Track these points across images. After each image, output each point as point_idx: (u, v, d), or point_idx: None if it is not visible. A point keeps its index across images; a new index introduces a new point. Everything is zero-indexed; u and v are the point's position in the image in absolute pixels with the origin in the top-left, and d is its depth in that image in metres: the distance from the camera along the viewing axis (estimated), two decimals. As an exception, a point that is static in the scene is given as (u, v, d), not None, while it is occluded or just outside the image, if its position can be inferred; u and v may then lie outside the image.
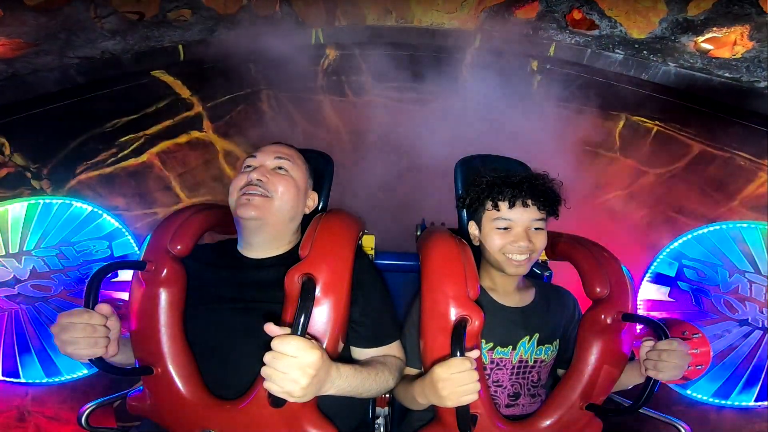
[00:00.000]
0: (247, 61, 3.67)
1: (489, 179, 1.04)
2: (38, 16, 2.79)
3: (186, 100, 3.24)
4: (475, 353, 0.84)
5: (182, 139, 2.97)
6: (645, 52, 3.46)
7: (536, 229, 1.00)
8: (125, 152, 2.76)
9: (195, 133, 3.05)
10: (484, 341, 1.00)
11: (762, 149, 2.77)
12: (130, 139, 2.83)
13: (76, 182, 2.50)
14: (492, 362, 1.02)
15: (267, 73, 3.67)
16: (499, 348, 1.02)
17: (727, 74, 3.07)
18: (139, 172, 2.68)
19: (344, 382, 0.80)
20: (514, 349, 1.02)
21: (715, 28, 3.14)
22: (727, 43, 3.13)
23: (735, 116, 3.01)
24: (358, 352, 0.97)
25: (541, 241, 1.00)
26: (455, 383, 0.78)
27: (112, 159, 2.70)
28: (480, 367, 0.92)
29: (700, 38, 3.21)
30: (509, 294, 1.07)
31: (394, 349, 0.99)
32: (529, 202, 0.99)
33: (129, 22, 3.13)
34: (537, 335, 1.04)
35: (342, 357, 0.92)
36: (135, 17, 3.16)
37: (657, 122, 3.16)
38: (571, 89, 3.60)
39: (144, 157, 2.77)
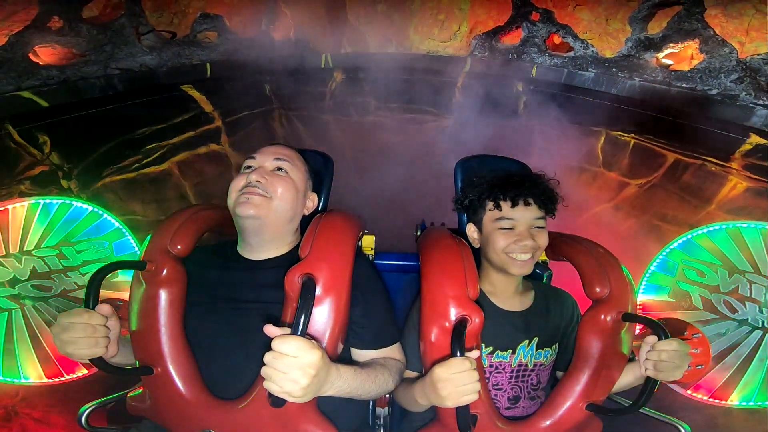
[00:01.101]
0: (262, 82, 3.66)
1: (489, 180, 0.94)
2: (91, 28, 2.83)
3: (209, 114, 3.22)
4: (475, 353, 0.75)
5: (201, 150, 2.93)
6: (614, 69, 3.47)
7: (538, 227, 0.91)
8: (149, 159, 2.69)
9: (213, 146, 3.01)
10: (483, 345, 0.89)
11: (724, 153, 2.72)
12: (154, 147, 2.78)
13: (101, 185, 2.42)
14: (491, 366, 0.91)
15: (279, 93, 3.65)
16: (498, 352, 0.91)
17: (684, 85, 3.09)
18: (158, 180, 2.61)
19: (344, 383, 0.71)
20: (513, 353, 0.92)
21: (671, 44, 3.18)
22: (684, 58, 3.17)
23: (696, 123, 3.00)
24: (358, 354, 0.87)
25: (543, 239, 0.90)
26: (455, 383, 0.70)
27: (137, 165, 2.63)
28: (480, 367, 0.83)
29: (661, 54, 3.23)
30: (509, 298, 0.96)
31: (394, 351, 0.89)
32: (531, 200, 0.90)
33: (164, 40, 3.15)
34: (536, 339, 0.93)
35: (342, 358, 0.82)
36: (169, 36, 3.19)
37: (633, 135, 3.12)
38: (554, 108, 3.57)
39: (165, 165, 2.70)
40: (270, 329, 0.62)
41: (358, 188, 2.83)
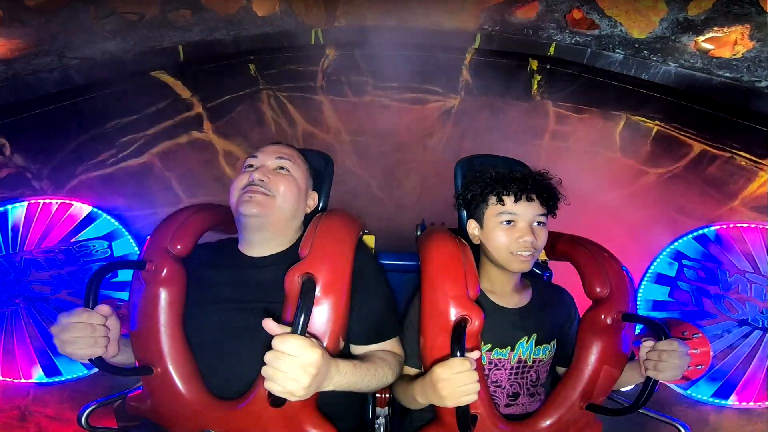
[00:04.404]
0: (246, 62, 3.68)
1: (492, 174, 1.04)
2: (38, 16, 2.79)
3: (186, 100, 3.25)
4: (475, 354, 0.83)
5: (182, 139, 2.97)
6: (645, 51, 3.44)
7: (539, 224, 1.00)
8: (125, 152, 2.75)
9: (195, 134, 3.05)
10: (482, 342, 0.99)
11: (763, 149, 2.76)
12: (130, 140, 2.83)
13: (76, 182, 2.49)
14: (490, 363, 1.01)
15: (266, 74, 3.68)
16: (497, 349, 1.01)
17: (727, 74, 3.05)
18: (139, 173, 2.68)
19: (343, 378, 0.80)
20: (512, 349, 1.02)
21: (715, 28, 3.12)
22: (727, 43, 3.11)
23: (735, 116, 2.99)
24: (358, 348, 0.97)
25: (543, 237, 1.00)
26: (455, 383, 0.78)
27: (113, 159, 2.70)
28: (480, 367, 0.92)
29: (701, 38, 3.19)
30: (507, 295, 1.06)
31: (393, 344, 0.99)
32: (533, 196, 0.99)
33: (129, 23, 3.12)
34: (535, 335, 1.03)
35: (341, 352, 0.91)
36: (135, 18, 3.16)
37: (657, 122, 3.15)
38: (571, 89, 3.59)
39: (144, 158, 2.77)
40: (269, 324, 0.70)
41: (355, 172, 2.88)
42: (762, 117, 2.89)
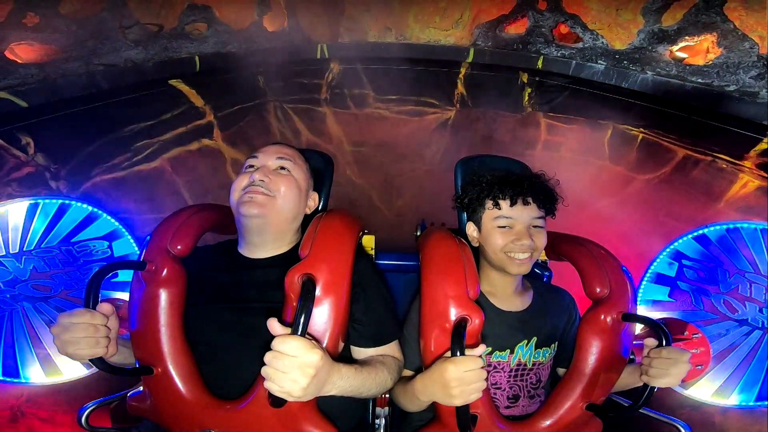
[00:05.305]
0: (256, 74, 3.68)
1: (488, 178, 0.98)
2: (70, 23, 2.81)
3: (199, 108, 3.25)
4: (479, 350, 0.76)
5: (193, 146, 2.95)
6: (625, 62, 3.47)
7: (536, 227, 0.95)
8: (139, 157, 2.73)
9: (205, 141, 3.03)
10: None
11: (738, 151, 2.74)
12: (144, 145, 2.81)
13: (90, 184, 2.46)
14: (489, 365, 0.95)
15: (274, 86, 3.68)
16: (497, 352, 0.96)
17: (699, 80, 3.09)
18: (150, 177, 2.64)
19: (345, 382, 0.75)
20: (512, 352, 0.96)
21: (687, 37, 3.17)
22: (700, 51, 3.15)
23: (710, 119, 3.01)
24: (358, 351, 0.91)
25: (541, 239, 0.95)
26: (465, 381, 0.73)
27: (127, 163, 2.67)
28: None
29: (675, 47, 3.23)
30: (508, 298, 1.00)
31: (393, 348, 0.93)
32: (530, 200, 0.94)
33: (150, 34, 3.14)
34: (535, 339, 0.97)
35: (342, 356, 0.86)
36: (155, 29, 3.18)
37: (642, 129, 3.15)
38: (559, 100, 3.59)
39: (156, 163, 2.73)
40: (273, 325, 0.66)
41: (356, 180, 2.86)
42: (732, 119, 2.89)
